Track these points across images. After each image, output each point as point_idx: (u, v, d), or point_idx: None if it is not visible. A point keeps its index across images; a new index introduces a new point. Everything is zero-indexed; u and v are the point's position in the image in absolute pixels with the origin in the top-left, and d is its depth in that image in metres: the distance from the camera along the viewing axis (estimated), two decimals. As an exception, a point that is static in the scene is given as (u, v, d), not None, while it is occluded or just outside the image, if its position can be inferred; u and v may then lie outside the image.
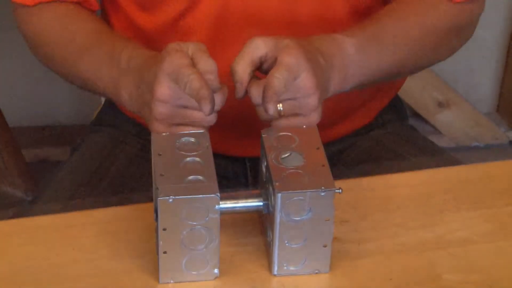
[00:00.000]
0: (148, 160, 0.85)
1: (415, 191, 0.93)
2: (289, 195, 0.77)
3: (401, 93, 1.25)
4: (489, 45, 2.21)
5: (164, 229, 0.78)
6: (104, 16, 1.16)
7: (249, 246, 0.85)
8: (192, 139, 0.83)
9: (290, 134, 0.84)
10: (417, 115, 2.24)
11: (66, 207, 1.03)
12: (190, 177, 0.78)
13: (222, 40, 1.04)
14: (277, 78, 0.84)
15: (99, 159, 1.10)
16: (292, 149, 0.82)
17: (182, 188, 0.77)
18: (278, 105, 0.85)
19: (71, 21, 1.05)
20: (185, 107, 0.86)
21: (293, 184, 0.78)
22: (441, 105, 2.23)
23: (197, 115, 0.85)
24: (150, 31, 1.07)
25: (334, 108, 1.12)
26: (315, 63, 0.88)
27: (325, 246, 0.80)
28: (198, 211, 0.77)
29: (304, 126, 0.85)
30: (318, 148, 0.82)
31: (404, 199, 0.91)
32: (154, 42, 1.08)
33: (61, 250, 0.84)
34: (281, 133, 0.84)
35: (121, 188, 1.06)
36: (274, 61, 0.87)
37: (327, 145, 1.13)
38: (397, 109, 1.22)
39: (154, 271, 0.81)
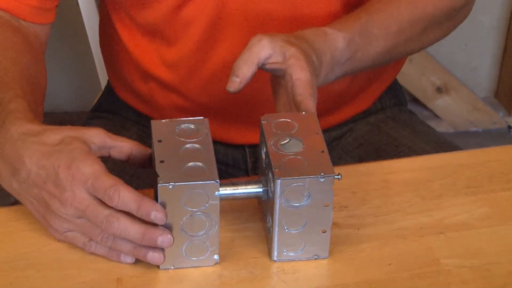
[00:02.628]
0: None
1: (413, 176, 0.93)
2: (288, 181, 0.78)
3: (400, 78, 1.25)
4: (488, 31, 2.21)
5: None
6: (102, 11, 1.16)
7: (249, 232, 0.85)
8: (192, 126, 0.83)
9: (289, 120, 0.84)
10: (415, 100, 2.24)
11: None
12: (190, 164, 0.79)
13: (220, 30, 1.04)
14: (312, 100, 0.86)
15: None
16: (291, 135, 0.82)
17: (182, 174, 0.78)
18: None
19: None
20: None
21: (293, 170, 0.78)
22: (439, 90, 2.23)
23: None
24: (150, 24, 1.07)
25: (333, 95, 1.12)
26: (313, 67, 0.90)
27: (324, 232, 0.81)
28: (198, 197, 0.77)
29: (304, 113, 0.85)
30: (317, 134, 0.83)
31: (403, 184, 0.92)
32: (154, 34, 1.08)
33: (62, 236, 0.85)
34: (281, 119, 0.84)
35: (121, 174, 1.06)
36: (278, 64, 0.88)
37: (326, 131, 1.14)
38: (396, 94, 1.22)
39: (155, 257, 0.82)
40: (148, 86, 1.13)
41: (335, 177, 0.78)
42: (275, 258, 0.82)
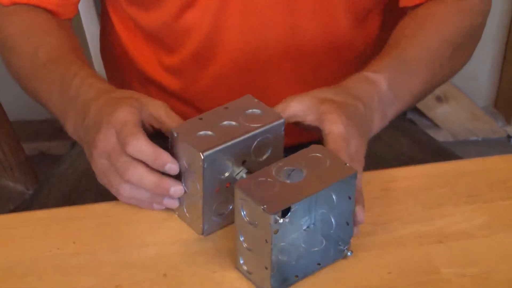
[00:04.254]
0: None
1: (413, 185, 0.93)
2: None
3: (400, 87, 1.25)
4: (487, 40, 2.21)
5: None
6: (104, 16, 1.16)
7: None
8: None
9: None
10: (415, 109, 2.24)
11: (66, 201, 1.03)
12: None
13: (221, 36, 1.04)
14: (344, 154, 0.83)
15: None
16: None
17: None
18: None
19: (37, 33, 1.03)
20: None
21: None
22: (439, 99, 2.23)
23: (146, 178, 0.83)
24: (151, 29, 1.07)
25: None
26: (357, 118, 0.88)
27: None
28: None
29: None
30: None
31: (403, 192, 0.92)
32: (155, 40, 1.08)
33: (62, 243, 0.85)
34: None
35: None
36: (313, 122, 0.87)
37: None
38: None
39: (153, 265, 0.82)
40: (148, 91, 1.13)
41: None
42: None
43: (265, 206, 0.75)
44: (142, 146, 0.81)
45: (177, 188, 0.83)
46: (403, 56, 0.98)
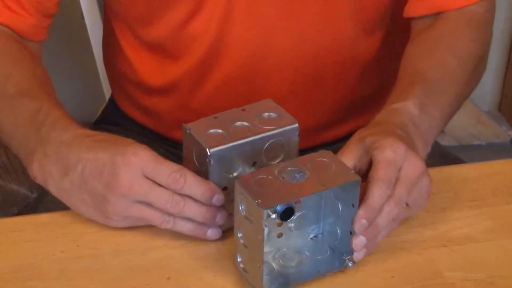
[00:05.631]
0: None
1: (417, 189, 0.93)
2: None
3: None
4: (491, 45, 2.21)
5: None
6: (106, 26, 1.16)
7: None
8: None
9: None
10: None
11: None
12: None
13: (224, 45, 1.04)
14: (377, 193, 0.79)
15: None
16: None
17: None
18: (404, 204, 0.81)
19: (9, 60, 0.98)
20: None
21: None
22: (443, 103, 2.23)
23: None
24: (155, 41, 1.07)
25: (344, 107, 1.12)
26: (404, 139, 0.84)
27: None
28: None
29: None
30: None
31: (406, 197, 0.92)
32: (159, 50, 1.08)
33: (66, 247, 0.85)
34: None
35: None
36: (367, 163, 0.83)
37: (333, 143, 1.14)
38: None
39: (157, 268, 0.82)
40: (152, 100, 1.13)
41: None
42: None
43: (259, 200, 0.75)
44: (192, 181, 0.80)
45: (222, 215, 0.83)
46: (425, 80, 0.95)
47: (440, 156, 1.13)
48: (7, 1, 1.01)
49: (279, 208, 0.75)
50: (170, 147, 1.15)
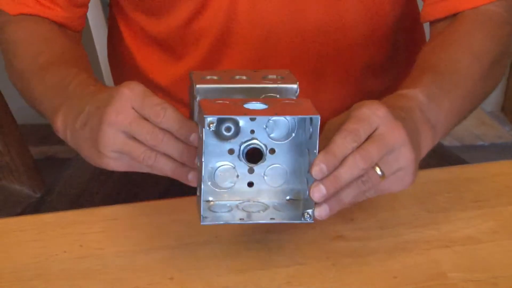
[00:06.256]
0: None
1: (420, 190, 0.93)
2: None
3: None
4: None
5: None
6: (112, 23, 1.17)
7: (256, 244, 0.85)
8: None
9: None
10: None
11: (73, 204, 1.04)
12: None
13: (229, 43, 1.04)
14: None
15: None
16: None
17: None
18: (376, 169, 0.79)
19: (42, 39, 1.03)
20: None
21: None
22: (446, 104, 2.23)
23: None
24: (160, 37, 1.08)
25: (348, 105, 1.12)
26: (406, 122, 0.82)
27: None
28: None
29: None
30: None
31: (409, 197, 0.92)
32: (164, 48, 1.09)
33: (69, 247, 0.85)
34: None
35: (128, 185, 1.06)
36: None
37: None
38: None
39: (160, 268, 0.82)
40: None
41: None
42: None
43: (206, 111, 0.74)
44: (170, 115, 0.80)
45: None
46: (436, 72, 0.94)
47: (443, 156, 1.13)
48: None
49: (218, 118, 0.75)
50: None
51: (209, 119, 0.74)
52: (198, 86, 0.80)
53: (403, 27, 1.12)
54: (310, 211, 0.78)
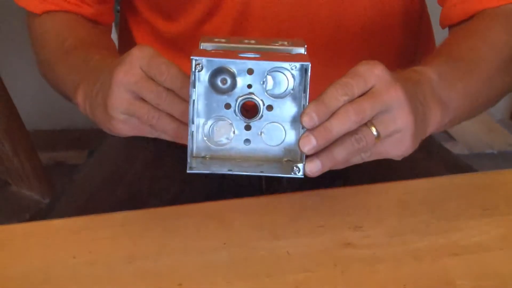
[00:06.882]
0: (165, 165, 0.86)
1: (429, 197, 0.93)
2: None
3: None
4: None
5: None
6: (122, 22, 1.18)
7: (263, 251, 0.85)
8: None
9: None
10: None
11: (83, 210, 1.04)
12: None
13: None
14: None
15: (116, 163, 1.11)
16: None
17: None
18: (372, 128, 0.77)
19: (67, 27, 1.05)
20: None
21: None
22: (455, 111, 2.23)
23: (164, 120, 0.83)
24: (171, 37, 1.08)
25: None
26: (412, 95, 0.80)
27: None
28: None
29: None
30: None
31: (418, 205, 0.92)
32: (175, 48, 1.09)
33: (78, 253, 0.85)
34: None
35: (137, 192, 1.06)
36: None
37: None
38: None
39: (169, 275, 0.82)
40: None
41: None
42: None
43: (194, 54, 0.75)
44: (174, 73, 0.80)
45: None
46: (451, 56, 0.92)
47: (452, 164, 1.13)
48: None
49: (205, 60, 0.75)
50: (181, 159, 1.15)
51: (195, 59, 0.74)
52: (203, 44, 0.79)
53: (411, 23, 1.12)
54: (300, 165, 0.76)
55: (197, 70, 0.76)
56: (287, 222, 0.89)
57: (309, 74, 0.75)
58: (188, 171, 0.78)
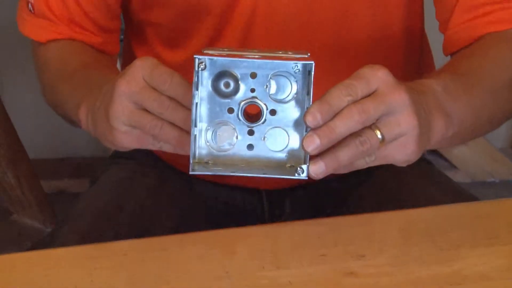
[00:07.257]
0: (168, 193, 0.86)
1: (431, 226, 0.93)
2: None
3: (417, 128, 1.25)
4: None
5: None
6: (127, 47, 1.18)
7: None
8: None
9: None
10: (433, 150, 2.24)
11: (84, 239, 1.03)
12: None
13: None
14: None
15: (118, 191, 1.11)
16: None
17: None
18: (376, 131, 0.77)
19: (71, 52, 1.06)
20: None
21: None
22: (456, 140, 2.23)
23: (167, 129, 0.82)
24: (174, 64, 1.09)
25: None
26: (417, 102, 0.79)
27: None
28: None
29: None
30: None
31: (420, 234, 0.91)
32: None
33: (79, 282, 0.84)
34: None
35: (139, 220, 1.06)
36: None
37: (343, 178, 1.14)
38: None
39: (171, 304, 0.82)
40: None
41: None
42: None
43: (199, 56, 0.75)
44: (177, 82, 0.80)
45: None
46: (455, 72, 0.92)
47: (454, 193, 1.13)
48: (71, 25, 1.07)
49: (208, 60, 0.75)
50: (187, 182, 1.15)
51: (198, 58, 0.74)
52: (205, 50, 0.78)
53: (412, 39, 1.12)
54: (304, 166, 0.76)
55: (200, 69, 0.75)
56: (289, 251, 0.88)
57: (312, 74, 0.74)
58: (190, 173, 0.77)
